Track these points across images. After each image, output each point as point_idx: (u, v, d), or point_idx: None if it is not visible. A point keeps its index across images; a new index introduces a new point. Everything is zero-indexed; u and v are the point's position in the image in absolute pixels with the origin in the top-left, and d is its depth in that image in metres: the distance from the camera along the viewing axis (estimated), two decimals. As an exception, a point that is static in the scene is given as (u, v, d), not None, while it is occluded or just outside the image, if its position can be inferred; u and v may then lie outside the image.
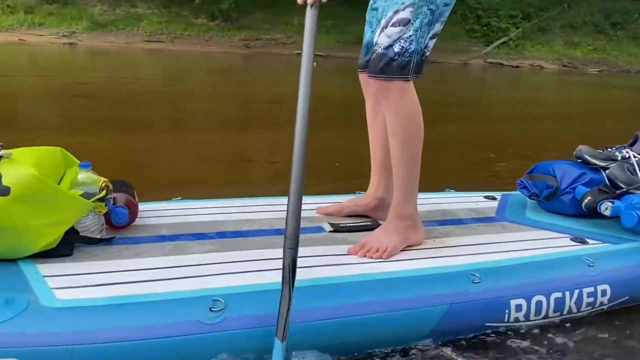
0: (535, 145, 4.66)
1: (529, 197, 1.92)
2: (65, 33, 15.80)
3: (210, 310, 1.14)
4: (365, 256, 1.46)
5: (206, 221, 1.63)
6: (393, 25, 1.43)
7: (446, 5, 1.50)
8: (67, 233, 1.31)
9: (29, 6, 16.86)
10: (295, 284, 1.25)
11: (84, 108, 5.58)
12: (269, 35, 18.42)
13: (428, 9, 1.43)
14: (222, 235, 1.54)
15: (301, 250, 1.45)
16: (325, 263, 1.39)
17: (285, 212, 1.28)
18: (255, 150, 4.12)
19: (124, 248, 1.39)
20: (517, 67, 17.14)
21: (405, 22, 1.42)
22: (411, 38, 1.43)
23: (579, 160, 1.92)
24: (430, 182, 1.92)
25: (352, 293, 1.28)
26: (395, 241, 1.51)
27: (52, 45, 14.61)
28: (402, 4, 1.43)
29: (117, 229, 1.49)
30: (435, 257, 1.49)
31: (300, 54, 1.35)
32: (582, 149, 1.91)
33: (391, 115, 1.50)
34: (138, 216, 1.58)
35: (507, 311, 1.38)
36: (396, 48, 1.43)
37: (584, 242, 1.67)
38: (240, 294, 1.20)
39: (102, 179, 1.42)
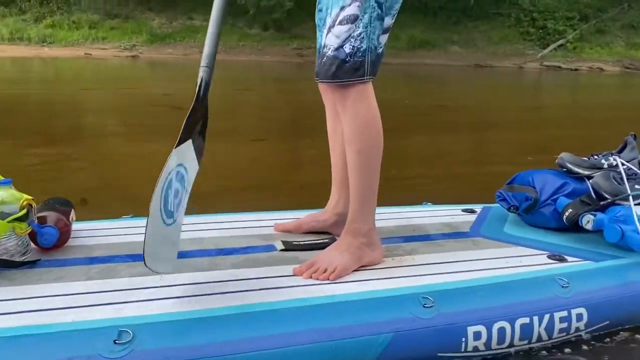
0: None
1: (508, 209, 1.77)
2: (126, 46, 16.54)
3: (115, 343, 1.02)
4: (311, 277, 1.33)
5: (134, 241, 1.51)
6: (340, 23, 1.31)
7: None
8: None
9: (93, 21, 17.78)
10: (224, 312, 1.14)
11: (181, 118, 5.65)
12: None
13: (376, 2, 1.31)
14: None
15: (242, 272, 1.34)
16: (264, 286, 1.27)
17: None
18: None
19: (46, 271, 1.29)
20: (575, 70, 16.84)
21: (353, 19, 1.30)
22: (362, 35, 1.30)
23: (563, 170, 1.77)
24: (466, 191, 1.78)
25: (285, 321, 1.15)
26: (347, 261, 1.38)
27: (116, 58, 15.07)
28: None
29: (46, 250, 1.39)
30: (388, 278, 1.35)
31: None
32: (564, 156, 1.75)
33: (348, 123, 1.38)
34: (78, 236, 1.49)
35: (463, 339, 1.23)
36: (347, 48, 1.31)
37: (561, 260, 1.51)
38: (152, 324, 1.08)
39: (25, 196, 1.32)
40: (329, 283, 1.31)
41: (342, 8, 1.31)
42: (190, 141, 1.21)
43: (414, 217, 1.85)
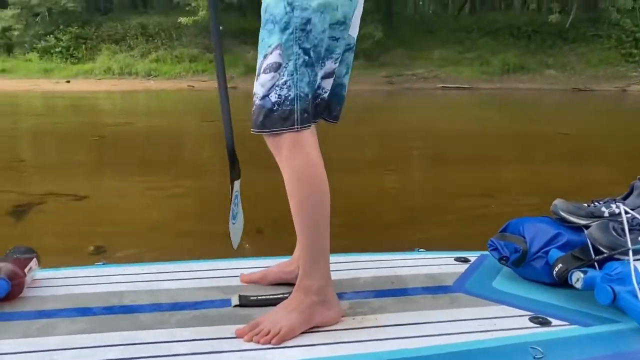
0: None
1: (499, 260, 1.62)
2: None
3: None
4: (252, 340, 1.24)
5: (102, 292, 1.48)
6: (264, 71, 1.25)
7: (335, 39, 1.29)
8: None
9: (193, 55, 19.31)
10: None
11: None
12: (410, 71, 19.33)
13: (300, 48, 1.23)
14: (108, 310, 1.39)
15: (181, 332, 1.27)
16: (196, 350, 1.19)
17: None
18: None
19: (-13, 326, 1.28)
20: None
21: (276, 67, 1.24)
22: (287, 83, 1.24)
23: (558, 218, 1.60)
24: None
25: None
26: (294, 321, 1.28)
27: (216, 90, 15.80)
28: (269, 46, 1.25)
29: (3, 301, 1.38)
30: (338, 343, 1.24)
31: (444, 87, 1.31)
32: (558, 203, 1.59)
33: (285, 174, 1.30)
34: (41, 285, 1.48)
35: (408, 418, 1.10)
36: (273, 97, 1.24)
37: (545, 323, 1.34)
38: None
39: None
40: (269, 348, 1.22)
41: (265, 56, 1.25)
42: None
43: (399, 266, 1.73)
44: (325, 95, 1.37)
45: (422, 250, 1.90)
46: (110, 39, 22.32)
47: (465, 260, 1.77)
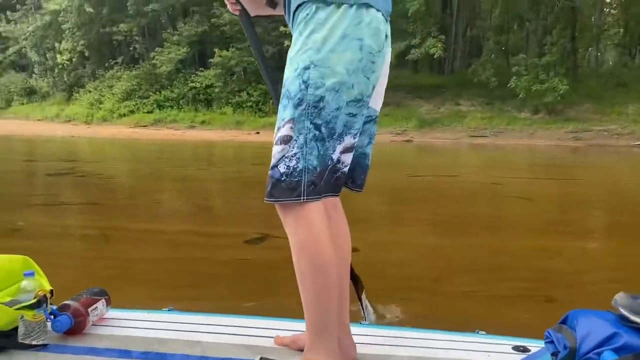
0: None
1: (551, 355, 1.42)
2: (398, 131, 18.43)
3: None
4: None
5: (148, 337, 1.63)
6: (276, 143, 1.31)
7: (353, 115, 1.31)
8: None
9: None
10: None
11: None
12: (600, 127, 18.52)
13: (311, 123, 1.27)
14: (144, 355, 1.52)
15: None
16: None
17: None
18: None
19: (44, 356, 1.50)
20: None
21: (287, 140, 1.29)
22: (297, 156, 1.28)
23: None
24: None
25: None
26: None
27: (394, 143, 16.77)
28: (283, 120, 1.31)
29: (66, 335, 1.61)
30: None
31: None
32: (618, 298, 1.35)
33: (291, 244, 1.34)
34: (107, 324, 1.71)
35: None
36: (281, 168, 1.29)
37: None
38: None
39: (44, 287, 1.58)
40: None
41: (278, 129, 1.31)
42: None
43: (444, 347, 1.61)
44: (346, 169, 1.38)
45: (482, 332, 1.75)
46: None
47: (525, 350, 1.59)
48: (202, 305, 2.52)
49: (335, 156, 1.33)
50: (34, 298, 1.54)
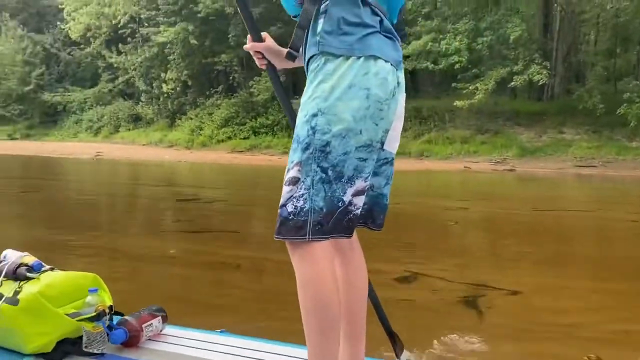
0: None
1: None
2: (497, 160, 18.20)
3: None
4: None
5: (190, 355, 1.77)
6: (285, 184, 1.39)
7: (363, 160, 1.37)
8: (63, 343, 1.70)
9: (464, 137, 20.43)
10: None
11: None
12: None
13: (318, 166, 1.34)
14: None
15: None
16: None
17: None
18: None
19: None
20: None
21: (295, 181, 1.37)
22: (304, 196, 1.35)
23: None
24: None
25: None
26: None
27: (495, 172, 16.20)
28: (292, 162, 1.39)
29: (124, 346, 1.81)
30: None
31: None
32: None
33: (297, 280, 1.40)
34: (164, 341, 1.89)
35: None
36: (289, 207, 1.37)
37: None
38: None
39: (105, 303, 1.79)
40: None
41: (287, 171, 1.39)
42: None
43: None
44: (358, 211, 1.43)
45: None
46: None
47: None
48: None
49: (346, 199, 1.39)
50: (95, 312, 1.75)
